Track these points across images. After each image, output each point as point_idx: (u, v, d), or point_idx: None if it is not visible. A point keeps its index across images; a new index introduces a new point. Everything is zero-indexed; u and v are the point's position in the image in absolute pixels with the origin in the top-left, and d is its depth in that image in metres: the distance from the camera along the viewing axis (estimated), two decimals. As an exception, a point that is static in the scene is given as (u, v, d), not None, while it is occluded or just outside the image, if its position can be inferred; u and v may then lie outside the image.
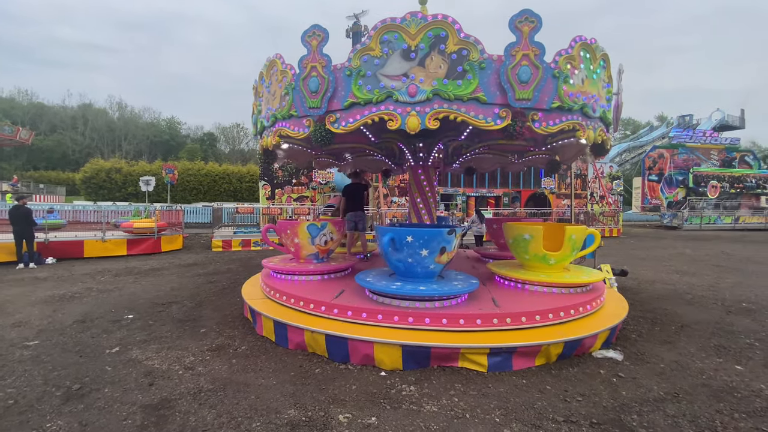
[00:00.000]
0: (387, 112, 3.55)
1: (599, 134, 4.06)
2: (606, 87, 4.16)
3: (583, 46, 3.71)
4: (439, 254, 3.79)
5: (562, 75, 3.53)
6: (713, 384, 3.12)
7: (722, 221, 24.03)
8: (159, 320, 4.74)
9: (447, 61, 3.47)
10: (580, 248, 4.66)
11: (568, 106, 3.62)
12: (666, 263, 9.79)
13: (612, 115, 4.46)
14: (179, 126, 56.31)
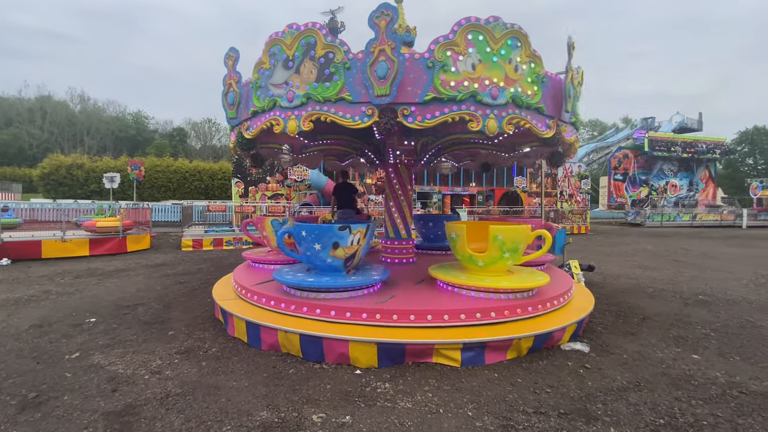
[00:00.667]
0: (273, 118, 3.81)
1: (510, 122, 3.55)
2: (526, 66, 3.60)
3: (472, 28, 3.39)
4: (333, 249, 3.96)
5: (437, 64, 3.37)
6: (672, 373, 3.29)
7: (681, 218, 25.38)
8: (124, 323, 4.54)
9: (317, 66, 3.58)
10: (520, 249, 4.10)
11: (448, 96, 3.41)
12: (630, 258, 10.25)
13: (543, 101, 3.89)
14: (147, 120, 54.09)
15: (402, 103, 3.45)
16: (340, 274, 4.09)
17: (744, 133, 48.28)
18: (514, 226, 4.19)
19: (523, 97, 3.57)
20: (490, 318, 3.61)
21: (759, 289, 6.60)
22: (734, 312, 5.16)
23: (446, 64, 3.41)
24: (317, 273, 4.14)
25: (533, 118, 3.67)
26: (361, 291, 3.99)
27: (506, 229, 4.02)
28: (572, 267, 6.25)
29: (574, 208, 22.35)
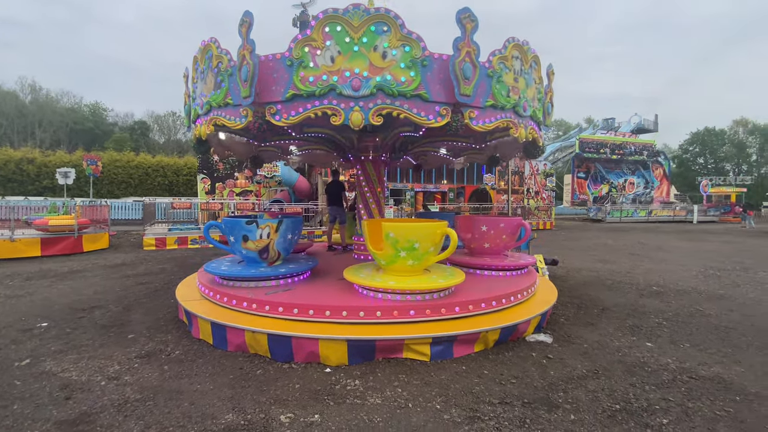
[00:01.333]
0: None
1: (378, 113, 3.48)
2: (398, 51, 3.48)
3: (329, 20, 3.41)
4: (243, 241, 4.33)
5: (295, 62, 3.45)
6: (628, 360, 3.48)
7: (638, 214, 26.82)
8: (79, 327, 4.30)
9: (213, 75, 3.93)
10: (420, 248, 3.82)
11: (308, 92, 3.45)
12: (591, 253, 10.73)
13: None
14: (105, 113, 51.09)
15: (268, 102, 3.57)
16: (258, 265, 4.44)
17: (695, 134, 51.52)
18: (408, 224, 4.03)
19: (394, 84, 3.40)
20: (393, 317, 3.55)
21: (707, 280, 7.07)
22: (685, 302, 5.51)
23: (303, 60, 3.43)
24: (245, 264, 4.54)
25: (412, 106, 3.48)
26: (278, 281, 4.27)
27: (398, 227, 3.85)
28: (537, 261, 6.46)
29: (540, 205, 23.13)
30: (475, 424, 2.48)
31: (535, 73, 4.26)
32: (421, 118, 3.53)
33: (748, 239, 15.06)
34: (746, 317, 4.81)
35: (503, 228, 5.19)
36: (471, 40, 3.50)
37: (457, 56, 3.45)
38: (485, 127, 3.77)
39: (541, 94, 4.48)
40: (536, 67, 4.30)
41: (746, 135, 50.34)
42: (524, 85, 4.03)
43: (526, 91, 4.08)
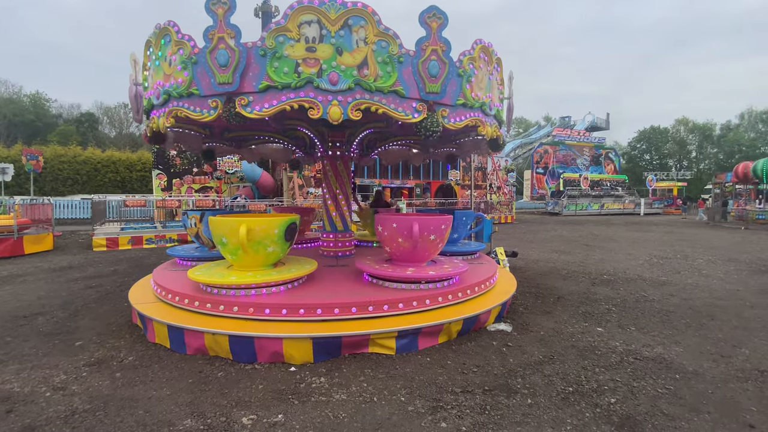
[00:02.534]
0: None
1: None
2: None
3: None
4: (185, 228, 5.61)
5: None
6: (580, 345, 3.69)
7: (592, 207, 28.37)
8: (19, 336, 3.98)
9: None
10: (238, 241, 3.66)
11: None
12: (548, 244, 11.24)
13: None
14: (48, 104, 47.23)
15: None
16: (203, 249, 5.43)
17: (642, 132, 55.02)
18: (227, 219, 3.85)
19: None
20: None
21: (652, 268, 7.62)
22: (632, 288, 5.91)
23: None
24: None
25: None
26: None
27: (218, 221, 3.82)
28: (498, 254, 6.69)
29: (502, 200, 23.92)
30: (438, 413, 2.54)
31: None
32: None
33: (688, 229, 16.37)
34: (685, 301, 5.23)
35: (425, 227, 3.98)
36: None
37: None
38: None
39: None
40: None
41: (687, 133, 54.39)
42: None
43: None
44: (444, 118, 3.73)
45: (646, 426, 2.42)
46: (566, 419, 2.48)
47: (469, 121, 3.95)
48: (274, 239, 3.82)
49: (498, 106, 4.54)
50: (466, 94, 3.83)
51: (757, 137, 50.60)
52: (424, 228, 3.97)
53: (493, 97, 4.34)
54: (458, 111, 3.86)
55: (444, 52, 3.58)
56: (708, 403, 2.69)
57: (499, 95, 4.57)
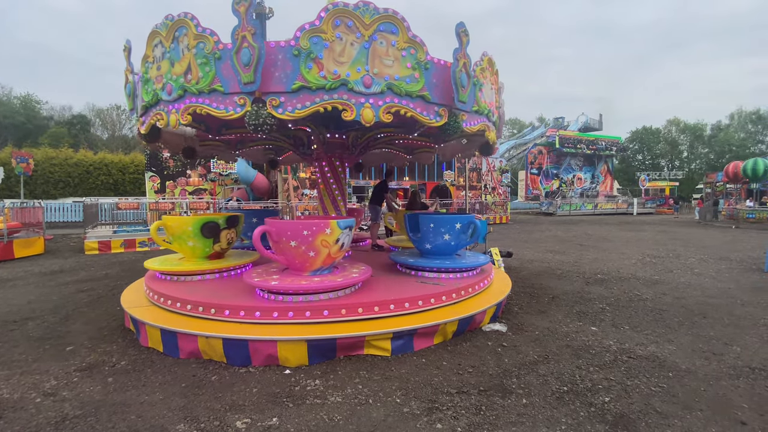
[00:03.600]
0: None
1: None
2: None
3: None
4: None
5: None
6: (574, 344, 3.70)
7: (586, 207, 28.57)
8: (9, 341, 3.92)
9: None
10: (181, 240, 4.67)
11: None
12: (542, 244, 11.29)
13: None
14: (39, 106, 46.69)
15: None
16: None
17: (635, 133, 55.55)
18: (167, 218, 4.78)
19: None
20: None
21: (645, 267, 7.68)
22: (625, 288, 5.95)
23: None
24: None
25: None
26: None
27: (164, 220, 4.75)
28: (493, 254, 6.71)
29: (497, 200, 24.01)
30: (434, 414, 2.53)
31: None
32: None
33: (680, 228, 16.53)
34: (677, 300, 5.28)
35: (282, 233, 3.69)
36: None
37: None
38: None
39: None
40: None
41: (678, 133, 55.00)
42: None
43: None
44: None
45: (639, 424, 2.43)
46: (561, 418, 2.49)
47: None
48: (191, 235, 4.62)
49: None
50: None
51: (747, 137, 51.30)
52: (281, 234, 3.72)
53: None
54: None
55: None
56: (700, 400, 2.71)
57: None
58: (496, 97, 4.74)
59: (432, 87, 3.66)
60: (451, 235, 4.62)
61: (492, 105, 4.50)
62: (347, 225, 3.93)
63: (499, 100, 4.94)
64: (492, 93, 4.50)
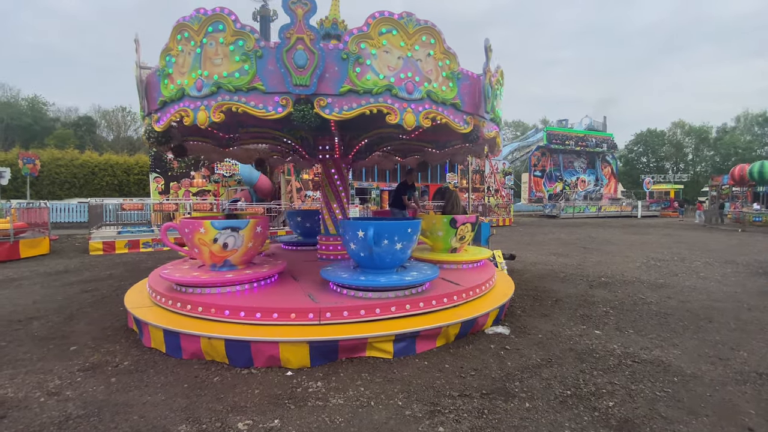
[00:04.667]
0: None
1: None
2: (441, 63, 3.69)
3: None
4: None
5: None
6: (578, 348, 3.68)
7: (589, 210, 28.43)
8: (14, 340, 3.94)
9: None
10: None
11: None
12: (546, 247, 11.25)
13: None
14: (45, 107, 47.16)
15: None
16: None
17: (639, 135, 55.28)
18: None
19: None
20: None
21: (649, 270, 7.62)
22: (629, 291, 5.91)
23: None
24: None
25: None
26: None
27: None
28: (496, 257, 6.69)
29: (500, 202, 23.96)
30: (436, 417, 2.52)
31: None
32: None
33: (685, 232, 16.42)
34: (682, 303, 5.23)
35: None
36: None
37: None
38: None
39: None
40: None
41: (683, 136, 54.66)
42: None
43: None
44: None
45: (644, 429, 2.40)
46: (564, 423, 2.47)
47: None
48: None
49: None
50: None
51: (753, 140, 50.90)
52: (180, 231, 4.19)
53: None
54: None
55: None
56: (706, 406, 2.68)
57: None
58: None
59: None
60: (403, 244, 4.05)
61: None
62: (226, 226, 4.06)
63: None
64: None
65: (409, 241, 4.04)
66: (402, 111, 3.54)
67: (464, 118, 3.95)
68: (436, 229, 5.42)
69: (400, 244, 3.95)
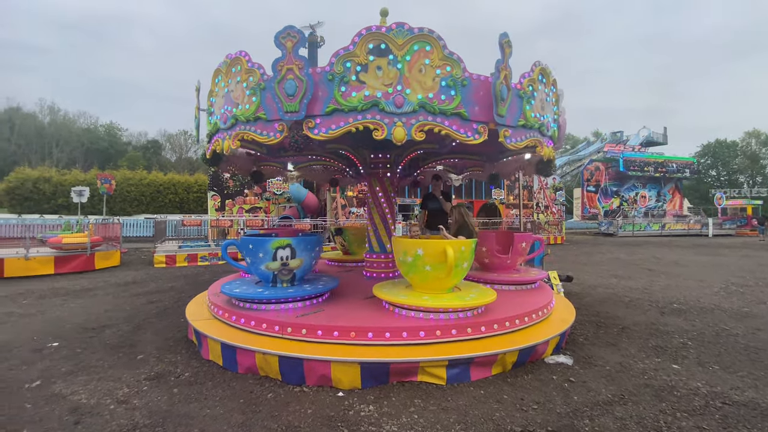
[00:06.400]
0: None
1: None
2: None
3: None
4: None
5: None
6: (655, 384, 3.31)
7: (651, 228, 26.35)
8: (89, 347, 4.26)
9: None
10: None
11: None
12: (605, 268, 10.48)
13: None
14: (119, 132, 52.54)
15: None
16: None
17: (706, 146, 50.99)
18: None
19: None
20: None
21: (730, 297, 6.82)
22: (709, 320, 5.30)
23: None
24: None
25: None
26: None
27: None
28: (551, 278, 6.31)
29: (550, 219, 22.87)
30: (498, 454, 2.35)
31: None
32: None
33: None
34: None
35: None
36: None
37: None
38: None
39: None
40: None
41: (759, 146, 49.60)
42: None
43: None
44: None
45: (746, 487, 2.07)
46: (646, 471, 2.19)
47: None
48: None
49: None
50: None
51: None
52: None
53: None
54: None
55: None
56: (824, 463, 2.28)
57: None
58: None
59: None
60: None
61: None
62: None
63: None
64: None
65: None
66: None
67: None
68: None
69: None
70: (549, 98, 4.22)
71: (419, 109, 3.44)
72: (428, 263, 3.80)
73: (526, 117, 3.83)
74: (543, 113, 4.07)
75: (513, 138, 3.80)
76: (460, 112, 3.52)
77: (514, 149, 3.90)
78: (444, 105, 3.48)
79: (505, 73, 3.57)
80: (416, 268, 3.90)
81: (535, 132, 4.01)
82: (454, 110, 3.51)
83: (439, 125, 3.49)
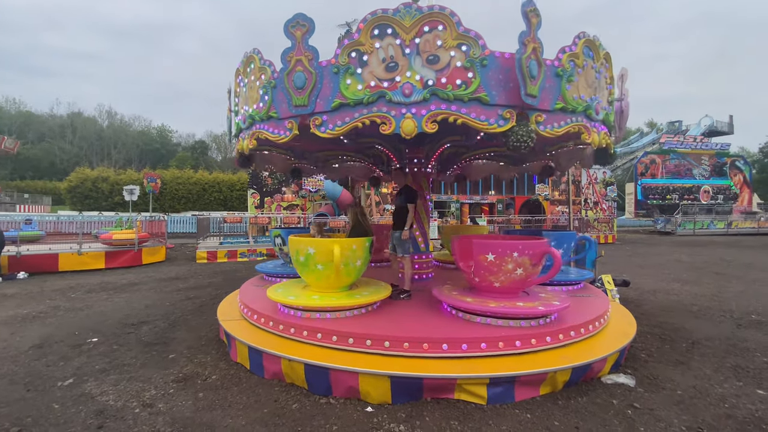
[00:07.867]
0: None
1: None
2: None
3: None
4: None
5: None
6: (738, 414, 2.79)
7: (715, 226, 24.03)
8: (125, 344, 4.31)
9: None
10: None
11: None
12: (665, 270, 9.53)
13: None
14: (170, 134, 55.78)
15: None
16: None
17: (779, 136, 45.82)
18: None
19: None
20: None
21: (821, 307, 5.88)
22: (799, 336, 4.53)
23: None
24: None
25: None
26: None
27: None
28: (605, 282, 5.72)
29: (600, 216, 21.43)
30: (549, 497, 1.99)
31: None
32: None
33: None
34: None
35: None
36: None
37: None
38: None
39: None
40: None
41: None
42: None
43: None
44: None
45: None
46: None
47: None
48: None
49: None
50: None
51: None
52: None
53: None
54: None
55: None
56: None
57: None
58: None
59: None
60: None
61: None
62: None
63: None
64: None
65: None
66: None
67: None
68: None
69: None
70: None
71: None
72: (319, 262, 3.75)
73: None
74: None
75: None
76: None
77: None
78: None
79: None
80: (308, 267, 3.85)
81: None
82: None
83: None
